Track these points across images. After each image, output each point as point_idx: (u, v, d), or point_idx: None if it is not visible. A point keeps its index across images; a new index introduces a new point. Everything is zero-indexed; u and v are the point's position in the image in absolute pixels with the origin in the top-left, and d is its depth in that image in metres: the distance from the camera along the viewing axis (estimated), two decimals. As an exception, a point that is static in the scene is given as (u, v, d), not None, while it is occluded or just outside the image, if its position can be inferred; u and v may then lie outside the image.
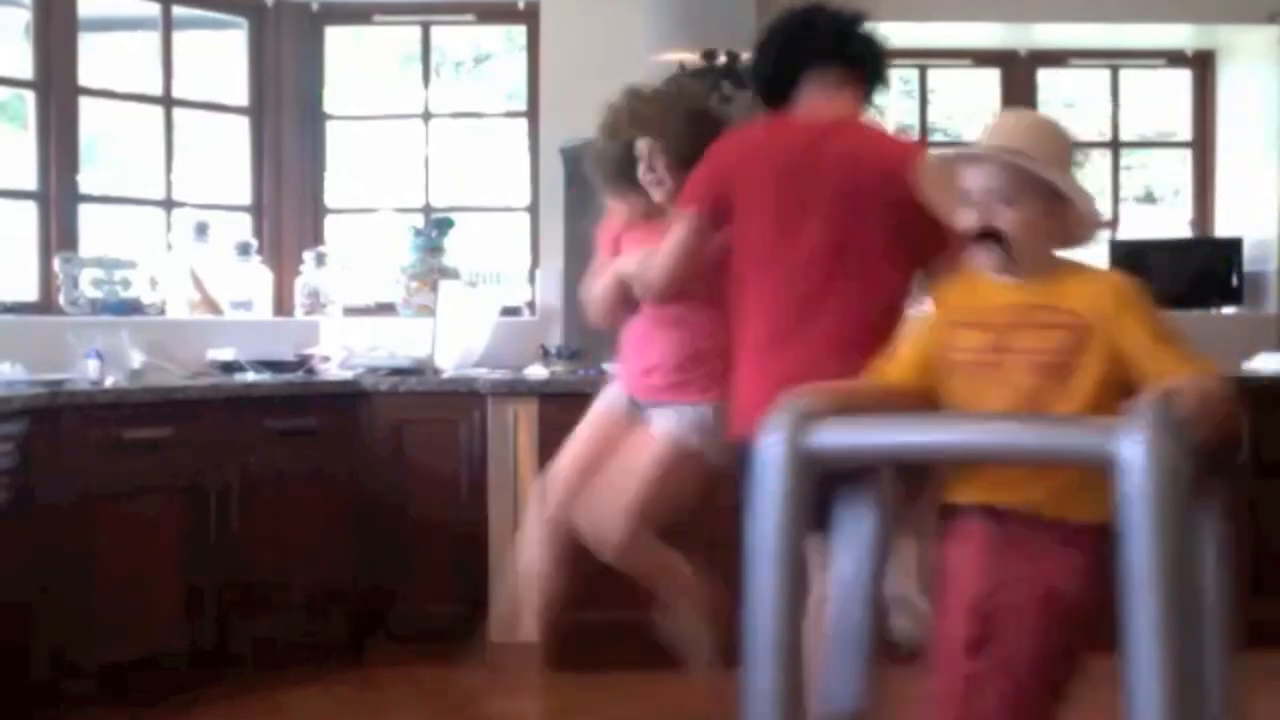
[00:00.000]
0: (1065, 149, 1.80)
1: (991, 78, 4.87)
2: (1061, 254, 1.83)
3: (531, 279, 4.49)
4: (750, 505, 1.71)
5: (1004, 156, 1.72)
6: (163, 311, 4.18)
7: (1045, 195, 1.72)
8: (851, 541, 1.80)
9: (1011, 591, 1.71)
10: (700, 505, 2.67)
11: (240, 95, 4.53)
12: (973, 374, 1.75)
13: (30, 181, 4.06)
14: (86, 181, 4.16)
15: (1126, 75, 4.91)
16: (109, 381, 3.49)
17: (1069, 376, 1.69)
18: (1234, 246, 4.62)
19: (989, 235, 1.72)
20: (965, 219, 1.76)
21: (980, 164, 1.74)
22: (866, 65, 2.51)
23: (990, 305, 1.77)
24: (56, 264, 4.02)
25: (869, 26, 2.53)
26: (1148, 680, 1.52)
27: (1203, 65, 4.87)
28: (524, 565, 2.76)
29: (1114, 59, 4.87)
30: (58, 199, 4.07)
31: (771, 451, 1.68)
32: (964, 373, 1.76)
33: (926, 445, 1.70)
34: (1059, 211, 1.74)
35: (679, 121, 2.68)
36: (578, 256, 3.70)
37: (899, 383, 1.84)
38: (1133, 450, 1.49)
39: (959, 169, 1.78)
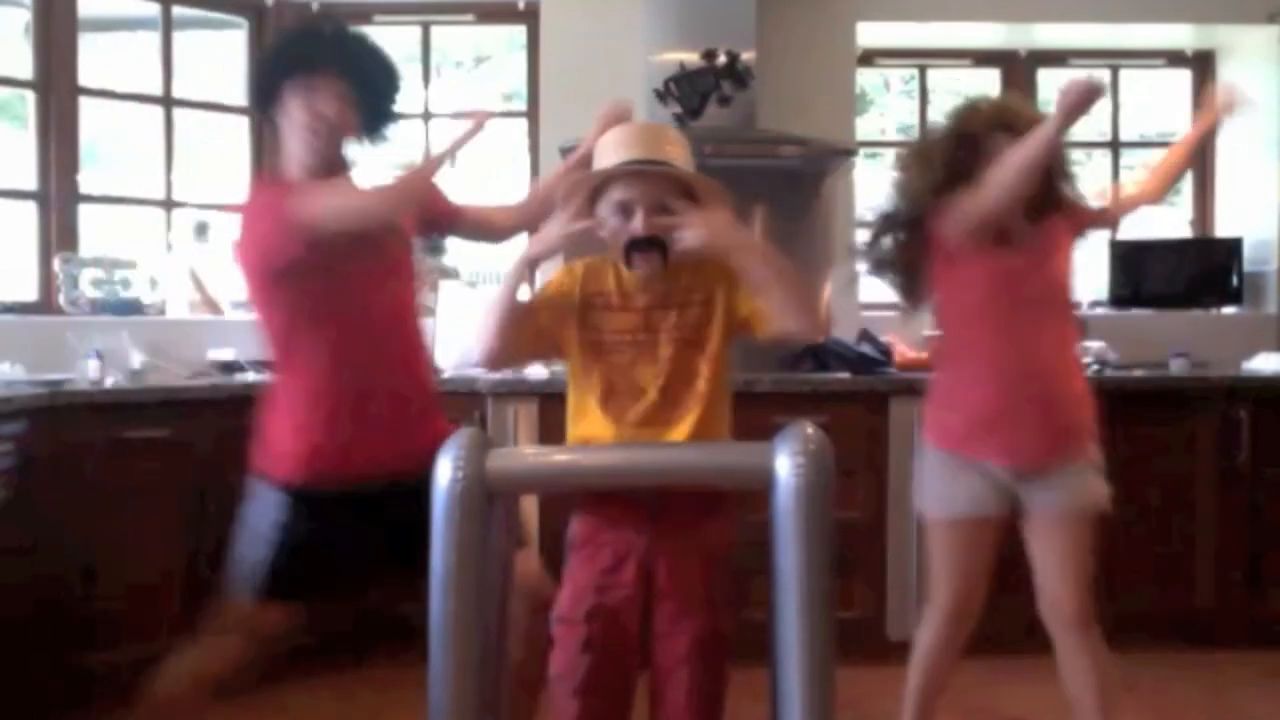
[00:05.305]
0: (690, 152, 1.98)
1: (991, 78, 4.88)
2: None
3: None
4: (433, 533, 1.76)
5: (677, 170, 1.90)
6: (163, 311, 4.19)
7: (688, 199, 1.91)
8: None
9: None
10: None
11: (240, 95, 4.53)
12: (623, 352, 1.94)
13: (30, 181, 4.07)
14: (86, 181, 4.16)
15: (1126, 75, 4.92)
16: (109, 381, 3.50)
17: (707, 348, 1.94)
18: (1234, 246, 4.62)
19: (652, 243, 1.89)
20: (624, 230, 1.90)
21: (647, 179, 1.89)
22: None
23: (633, 290, 1.96)
24: (56, 264, 4.02)
25: None
26: (795, 676, 1.69)
27: (1203, 65, 4.88)
28: None
29: (1114, 59, 4.88)
30: (58, 199, 4.08)
31: (447, 480, 1.73)
32: (614, 352, 1.94)
33: (600, 470, 1.84)
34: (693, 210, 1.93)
35: None
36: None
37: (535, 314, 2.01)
38: (785, 468, 1.70)
39: (614, 183, 1.91)
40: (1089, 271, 4.57)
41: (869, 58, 4.77)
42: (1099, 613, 2.47)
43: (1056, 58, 4.86)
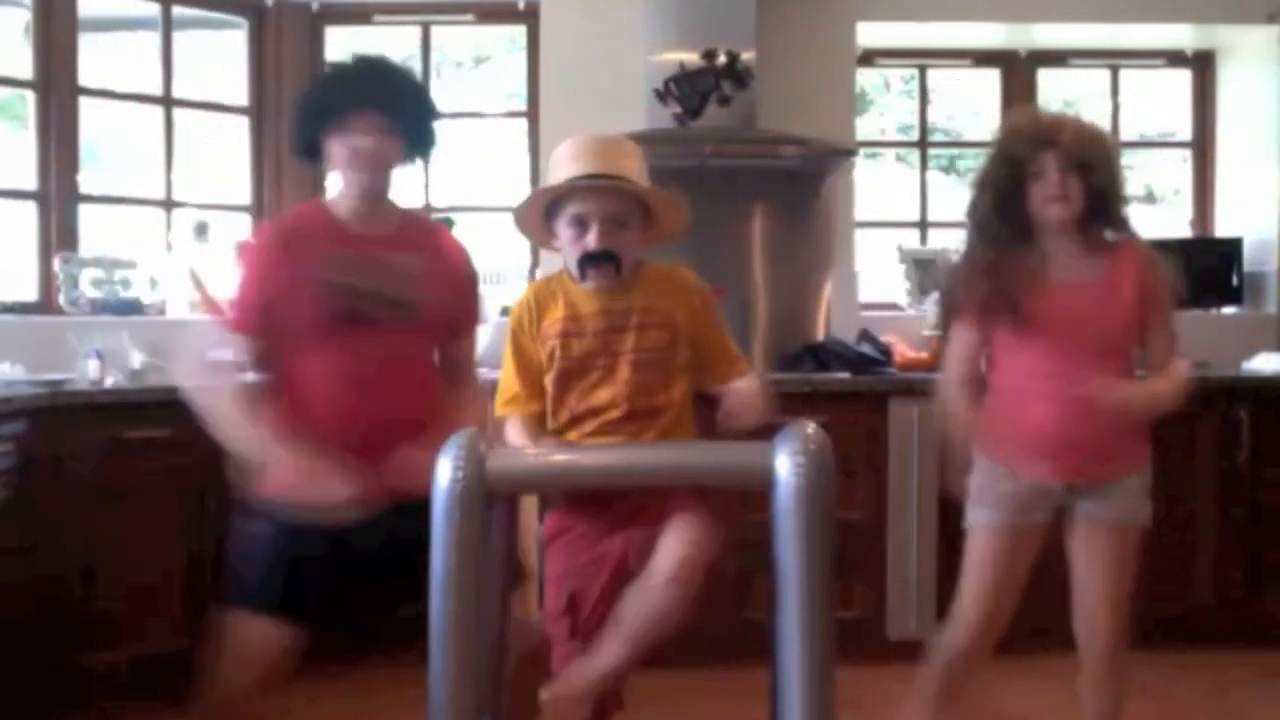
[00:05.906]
0: (645, 165, 1.98)
1: (991, 78, 4.87)
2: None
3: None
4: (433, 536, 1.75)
5: (631, 185, 1.91)
6: (163, 311, 4.19)
7: (643, 211, 1.95)
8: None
9: None
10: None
11: (240, 95, 4.53)
12: (585, 377, 1.94)
13: (30, 181, 4.06)
14: (86, 181, 4.16)
15: (1126, 75, 4.92)
16: (109, 381, 3.50)
17: (669, 368, 1.94)
18: (1234, 246, 4.62)
19: (607, 256, 1.91)
20: (578, 243, 1.92)
21: (601, 192, 1.90)
22: None
23: (586, 313, 1.95)
24: (56, 264, 4.02)
25: None
26: (795, 675, 1.68)
27: (1203, 65, 4.87)
28: None
29: (1114, 59, 4.88)
30: (58, 199, 4.08)
31: (447, 480, 1.72)
32: (577, 377, 1.95)
33: (600, 470, 1.84)
34: (648, 222, 1.97)
35: None
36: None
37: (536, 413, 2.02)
38: (786, 468, 1.70)
39: (569, 197, 1.93)
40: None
41: (869, 58, 4.77)
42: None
43: (1056, 58, 4.86)
